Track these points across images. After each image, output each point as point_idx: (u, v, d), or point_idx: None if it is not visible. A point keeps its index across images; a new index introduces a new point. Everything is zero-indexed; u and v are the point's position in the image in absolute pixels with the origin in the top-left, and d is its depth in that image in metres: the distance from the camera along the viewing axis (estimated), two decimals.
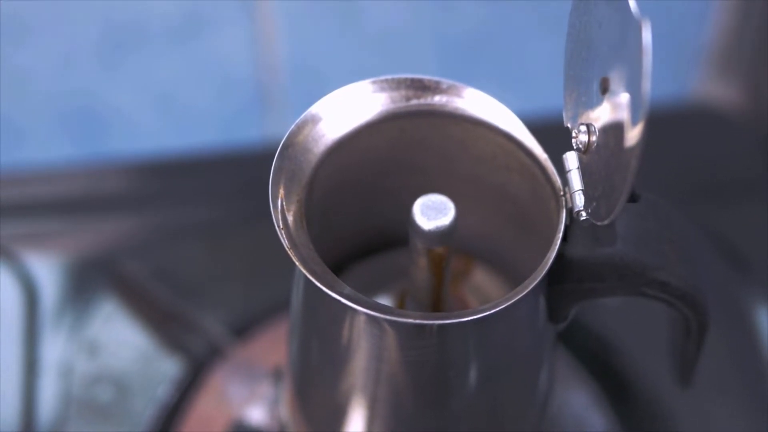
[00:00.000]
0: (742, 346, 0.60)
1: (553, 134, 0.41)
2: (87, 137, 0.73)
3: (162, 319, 0.61)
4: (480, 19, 0.70)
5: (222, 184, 0.68)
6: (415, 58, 0.72)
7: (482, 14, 0.70)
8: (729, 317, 0.61)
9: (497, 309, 0.38)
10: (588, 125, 0.39)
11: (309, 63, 0.71)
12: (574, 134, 0.39)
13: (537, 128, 0.42)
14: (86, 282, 0.63)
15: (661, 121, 0.69)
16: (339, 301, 0.38)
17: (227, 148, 0.71)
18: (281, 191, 0.40)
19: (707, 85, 0.75)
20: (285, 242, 0.39)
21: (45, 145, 0.72)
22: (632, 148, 0.36)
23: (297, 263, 0.38)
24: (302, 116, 0.41)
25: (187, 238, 0.65)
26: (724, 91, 0.74)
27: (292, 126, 0.41)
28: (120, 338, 0.60)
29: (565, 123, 0.41)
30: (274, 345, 0.57)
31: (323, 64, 0.71)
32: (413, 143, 0.43)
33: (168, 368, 0.59)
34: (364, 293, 0.39)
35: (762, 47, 0.72)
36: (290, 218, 0.40)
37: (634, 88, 0.35)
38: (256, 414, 0.56)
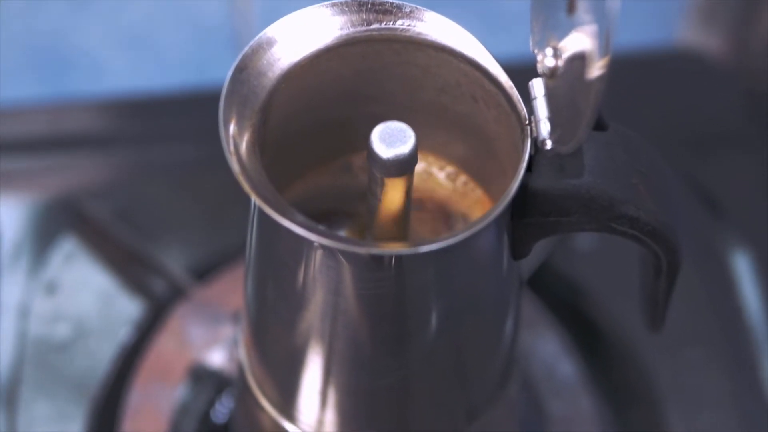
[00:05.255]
0: (715, 291, 0.59)
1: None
2: (54, 76, 0.72)
3: (124, 260, 0.59)
4: None
5: (188, 126, 0.67)
6: None
7: None
8: (702, 260, 0.59)
9: (455, 239, 0.36)
10: (555, 49, 0.37)
11: (283, 9, 0.69)
12: (539, 59, 0.38)
13: (519, 72, 0.40)
14: (48, 222, 0.61)
15: (643, 66, 0.68)
16: (292, 230, 0.36)
17: (194, 90, 0.69)
18: (233, 116, 0.38)
19: (692, 34, 0.73)
20: (235, 167, 0.37)
21: (10, 84, 0.70)
22: (599, 74, 0.34)
23: (246, 188, 0.36)
24: (257, 38, 0.39)
25: (151, 179, 0.63)
26: (708, 40, 0.72)
27: (246, 48, 0.39)
28: (81, 279, 0.59)
29: (531, 48, 0.39)
30: (236, 287, 0.55)
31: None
32: (374, 70, 0.41)
33: (129, 309, 0.58)
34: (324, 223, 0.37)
35: None
36: (243, 144, 0.38)
37: (601, 6, 0.34)
38: (216, 356, 0.55)
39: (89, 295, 0.58)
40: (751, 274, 0.60)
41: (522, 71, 0.40)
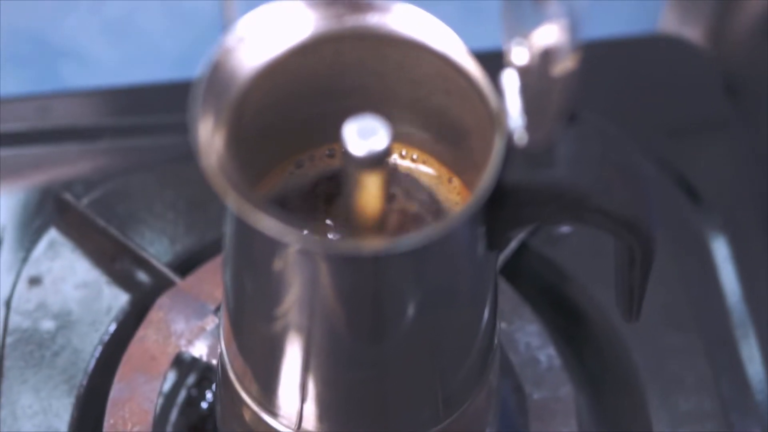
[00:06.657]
0: (695, 276, 0.60)
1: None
2: (40, 68, 0.72)
3: (108, 252, 0.59)
4: None
5: (175, 119, 0.66)
6: None
7: None
8: (681, 245, 0.60)
9: (432, 236, 0.37)
10: (526, 43, 0.37)
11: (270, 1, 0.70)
12: (511, 52, 0.38)
13: (498, 64, 0.40)
14: (33, 213, 0.62)
15: (622, 52, 0.68)
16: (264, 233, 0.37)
17: (181, 82, 0.69)
18: (208, 113, 0.38)
19: (672, 21, 0.73)
20: (209, 166, 0.37)
21: None
22: (569, 68, 0.35)
23: (219, 188, 0.37)
24: (231, 35, 0.39)
25: (136, 171, 0.63)
26: (688, 26, 0.72)
27: (220, 45, 0.39)
28: (65, 270, 0.59)
29: (503, 42, 0.39)
30: (220, 279, 0.55)
31: None
32: (349, 65, 0.41)
33: (113, 301, 0.58)
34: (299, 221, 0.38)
35: None
36: (218, 142, 0.38)
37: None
38: (200, 347, 0.55)
39: (73, 286, 0.59)
40: (729, 259, 0.60)
41: (501, 63, 0.40)
